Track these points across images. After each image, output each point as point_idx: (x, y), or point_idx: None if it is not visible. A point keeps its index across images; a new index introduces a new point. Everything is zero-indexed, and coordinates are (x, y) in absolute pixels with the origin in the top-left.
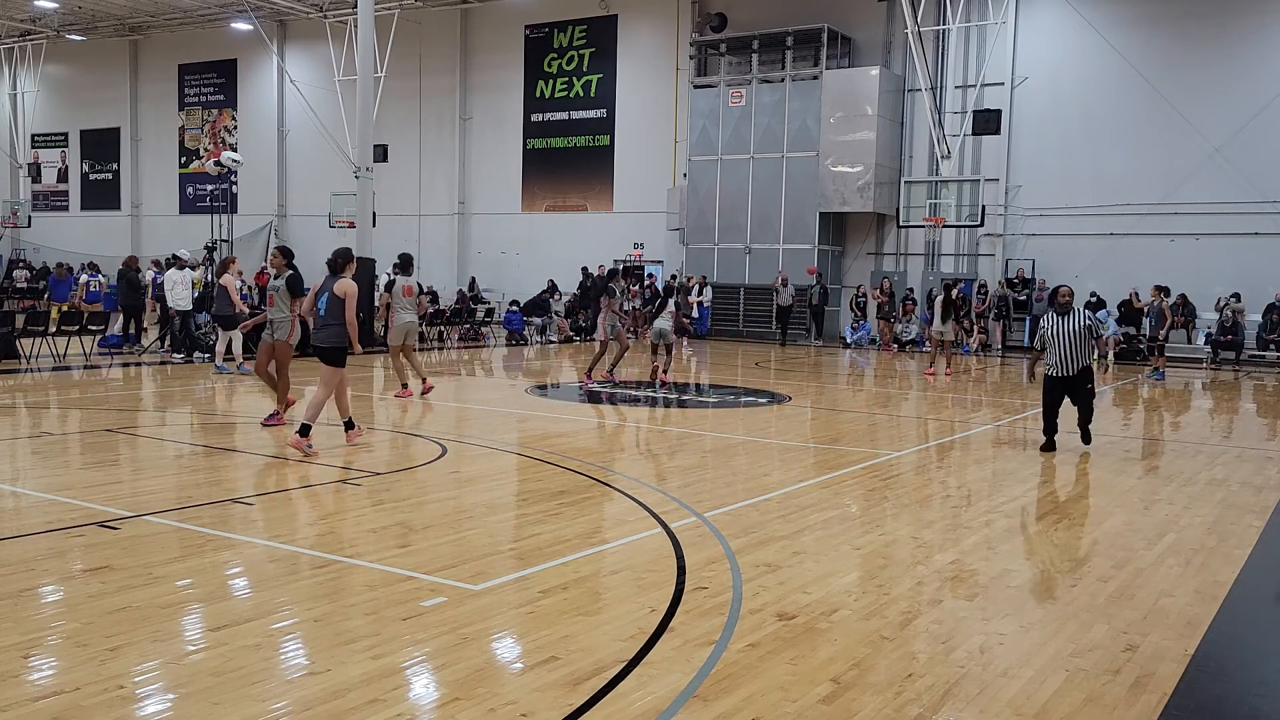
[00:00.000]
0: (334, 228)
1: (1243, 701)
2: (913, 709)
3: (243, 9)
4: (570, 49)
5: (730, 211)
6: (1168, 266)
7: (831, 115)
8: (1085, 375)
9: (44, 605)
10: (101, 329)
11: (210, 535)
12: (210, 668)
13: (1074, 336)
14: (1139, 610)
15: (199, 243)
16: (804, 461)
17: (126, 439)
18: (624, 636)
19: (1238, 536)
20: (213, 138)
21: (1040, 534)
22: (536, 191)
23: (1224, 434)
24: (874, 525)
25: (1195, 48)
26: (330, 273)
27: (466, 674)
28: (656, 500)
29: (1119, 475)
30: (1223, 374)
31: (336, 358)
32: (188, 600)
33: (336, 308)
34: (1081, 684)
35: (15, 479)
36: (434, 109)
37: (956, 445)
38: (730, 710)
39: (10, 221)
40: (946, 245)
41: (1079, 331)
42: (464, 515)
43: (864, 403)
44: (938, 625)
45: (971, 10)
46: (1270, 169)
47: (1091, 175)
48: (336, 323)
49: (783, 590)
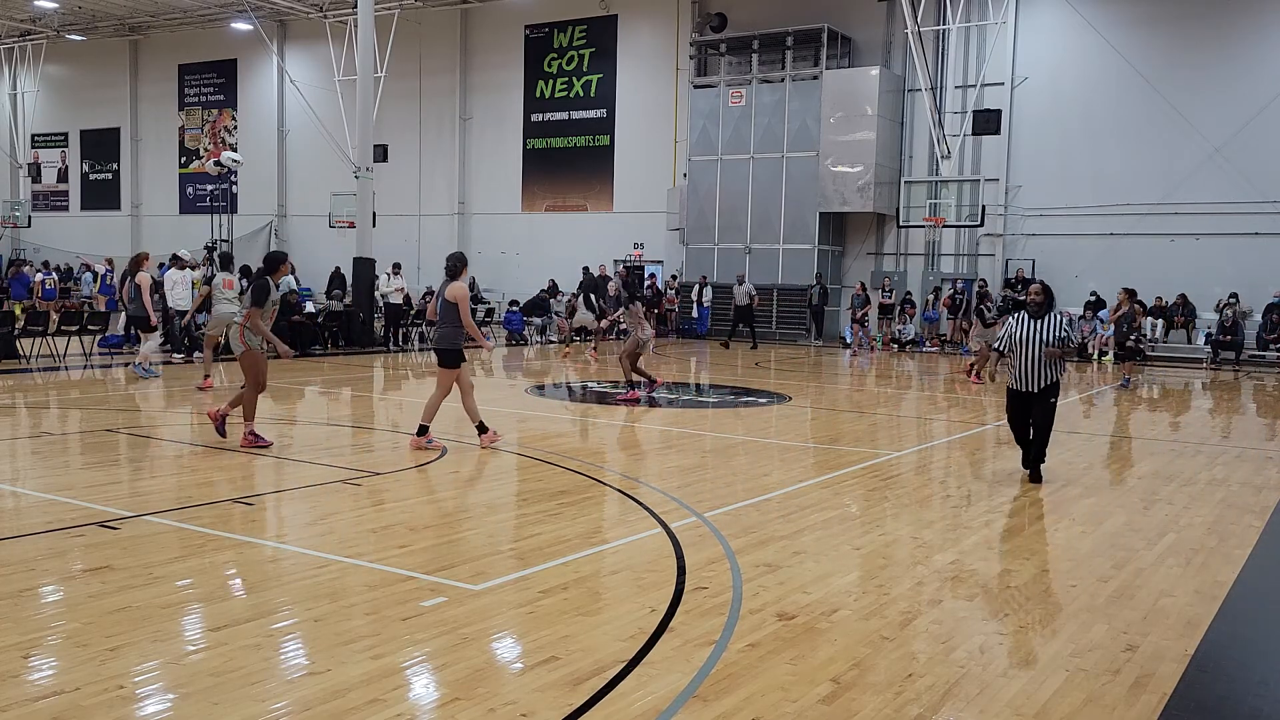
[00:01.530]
0: (334, 228)
1: (1243, 701)
2: (913, 709)
3: (243, 9)
4: (570, 49)
5: (730, 211)
6: (1168, 266)
7: (831, 115)
8: (1049, 392)
9: (44, 605)
10: (101, 329)
11: (210, 535)
12: (210, 668)
13: (1040, 347)
14: (1139, 610)
15: (199, 243)
16: (804, 461)
17: (126, 439)
18: (624, 636)
19: (1238, 536)
20: (213, 138)
21: (1040, 534)
22: (536, 191)
23: (1224, 434)
24: (874, 525)
25: (1195, 48)
26: (448, 277)
27: (466, 674)
28: (656, 500)
29: (1119, 475)
30: (1223, 374)
31: (449, 360)
32: (188, 600)
33: (449, 311)
34: (1081, 684)
35: (15, 479)
36: (434, 109)
37: (956, 445)
38: (730, 710)
39: (10, 221)
40: (946, 245)
41: (1048, 341)
42: (464, 515)
43: (864, 403)
44: (938, 625)
45: (971, 10)
46: (1270, 169)
47: (1091, 175)
48: (449, 325)
49: (783, 590)
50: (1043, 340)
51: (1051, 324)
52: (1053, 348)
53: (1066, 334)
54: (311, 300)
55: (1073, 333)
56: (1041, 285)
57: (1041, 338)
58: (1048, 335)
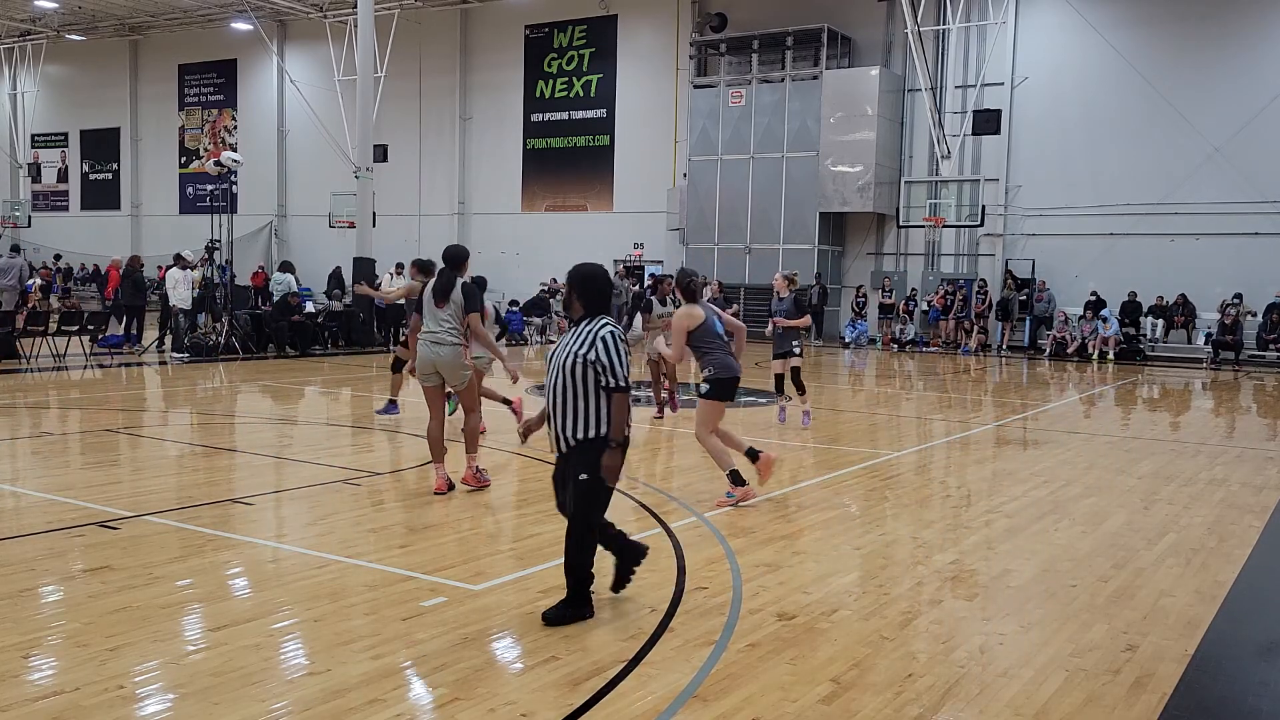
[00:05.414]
0: (334, 228)
1: (1243, 701)
2: (913, 709)
3: (243, 9)
4: (570, 49)
5: (730, 211)
6: (1168, 266)
7: (831, 115)
8: (578, 453)
9: (44, 605)
10: (102, 329)
11: (210, 535)
12: (210, 668)
13: (563, 371)
14: (1139, 610)
15: (199, 243)
16: (804, 461)
17: (127, 439)
18: (624, 636)
19: (1238, 536)
20: (213, 138)
21: (1040, 534)
22: (536, 191)
23: (1224, 434)
24: (874, 525)
25: (1195, 48)
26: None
27: (466, 674)
28: (656, 500)
29: (1119, 475)
30: (1223, 374)
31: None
32: (188, 600)
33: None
34: (1081, 684)
35: (15, 479)
36: (434, 109)
37: (956, 445)
38: (730, 710)
39: (10, 221)
40: (946, 245)
41: (570, 365)
42: (464, 515)
43: (864, 403)
44: (938, 625)
45: (971, 10)
46: (1270, 169)
47: (1091, 175)
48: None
49: (783, 590)
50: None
51: (580, 339)
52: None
53: (597, 358)
54: (311, 300)
55: (601, 364)
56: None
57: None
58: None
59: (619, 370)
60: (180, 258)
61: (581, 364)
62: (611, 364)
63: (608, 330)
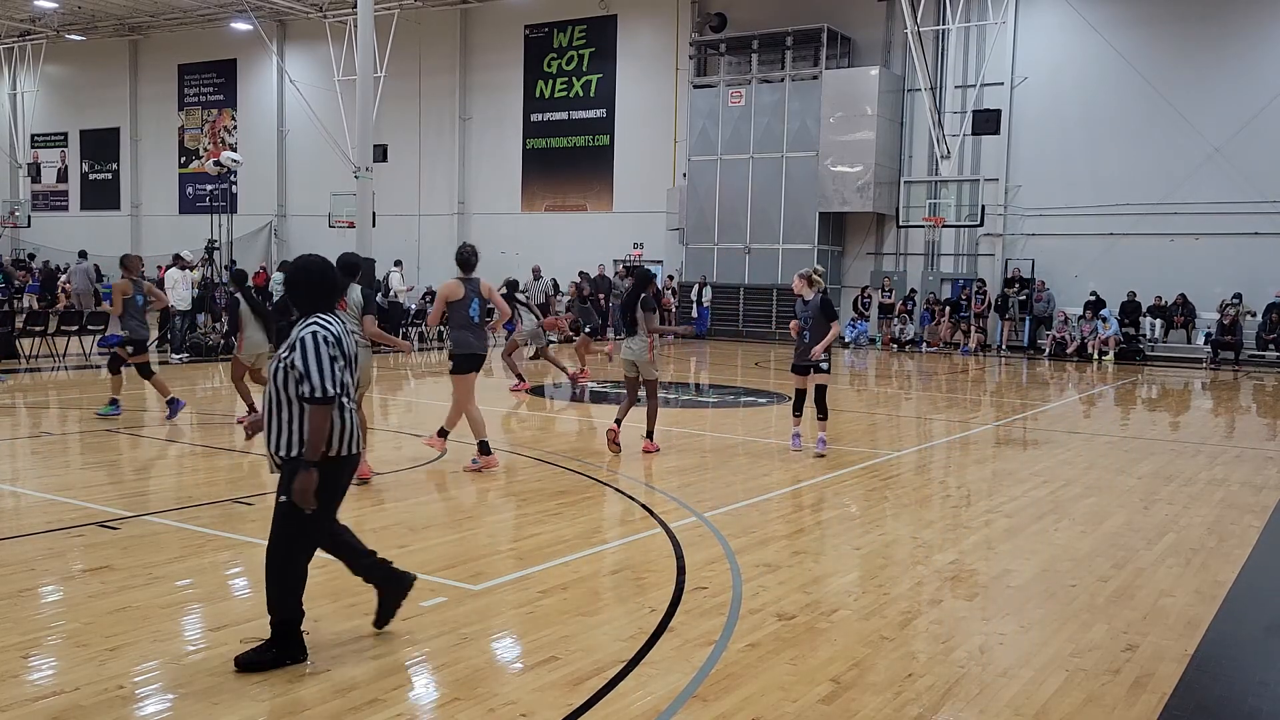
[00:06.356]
0: (334, 228)
1: (1243, 701)
2: (913, 709)
3: (242, 9)
4: (570, 49)
5: (730, 211)
6: (1167, 266)
7: (831, 115)
8: (286, 473)
9: (44, 605)
10: (102, 329)
11: (210, 535)
12: (210, 668)
13: (273, 380)
14: (1139, 610)
15: (199, 243)
16: (804, 461)
17: (127, 439)
18: (624, 636)
19: (1238, 536)
20: (212, 138)
21: (1040, 534)
22: (536, 191)
23: (1224, 434)
24: (874, 525)
25: (1195, 48)
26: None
27: (466, 674)
28: (656, 500)
29: (1119, 475)
30: (1222, 374)
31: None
32: (188, 600)
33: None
34: (1081, 684)
35: (15, 479)
36: (434, 109)
37: (956, 445)
38: (730, 710)
39: (10, 221)
40: (946, 245)
41: (274, 371)
42: (464, 515)
43: (864, 403)
44: (938, 625)
45: (971, 10)
46: (1270, 169)
47: (1091, 175)
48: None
49: (783, 590)
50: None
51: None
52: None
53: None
54: None
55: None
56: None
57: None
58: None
59: (315, 377)
60: (179, 258)
61: (284, 370)
62: (308, 369)
63: (309, 330)
